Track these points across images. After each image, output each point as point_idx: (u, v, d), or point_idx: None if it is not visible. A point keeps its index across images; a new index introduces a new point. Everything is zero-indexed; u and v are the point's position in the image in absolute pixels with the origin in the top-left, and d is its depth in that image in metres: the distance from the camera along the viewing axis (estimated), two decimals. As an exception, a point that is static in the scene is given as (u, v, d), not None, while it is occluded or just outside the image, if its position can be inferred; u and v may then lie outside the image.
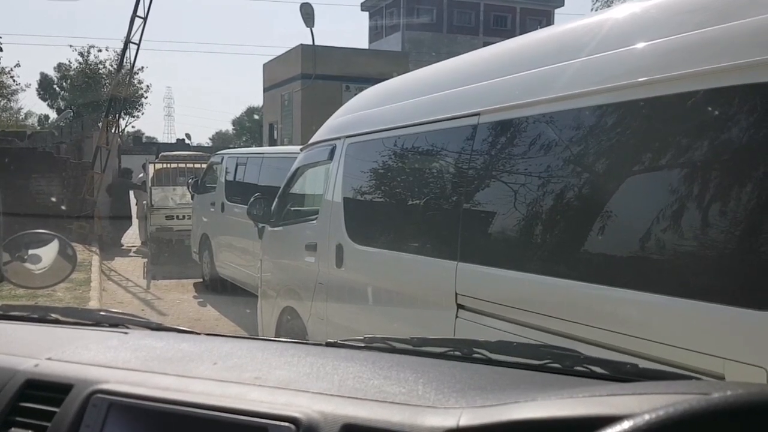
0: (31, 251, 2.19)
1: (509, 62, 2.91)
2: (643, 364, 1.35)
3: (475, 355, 1.47)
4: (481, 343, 1.49)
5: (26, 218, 11.09)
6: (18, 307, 1.97)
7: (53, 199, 14.71)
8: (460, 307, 2.81)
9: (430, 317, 3.10)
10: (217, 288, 9.58)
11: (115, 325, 1.76)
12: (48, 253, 2.22)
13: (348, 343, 1.60)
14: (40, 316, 1.81)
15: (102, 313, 1.94)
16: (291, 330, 4.64)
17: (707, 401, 0.70)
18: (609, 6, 18.00)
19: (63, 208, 14.56)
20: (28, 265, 2.19)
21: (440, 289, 2.92)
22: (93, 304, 8.22)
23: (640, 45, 2.16)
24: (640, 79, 2.10)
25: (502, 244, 2.71)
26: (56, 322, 1.78)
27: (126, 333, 1.68)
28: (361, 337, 1.60)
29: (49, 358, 1.43)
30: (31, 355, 1.46)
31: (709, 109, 1.92)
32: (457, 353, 1.49)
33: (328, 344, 1.62)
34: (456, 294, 2.82)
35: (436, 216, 3.17)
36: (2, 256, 2.17)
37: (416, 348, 1.53)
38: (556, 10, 45.62)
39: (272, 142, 26.55)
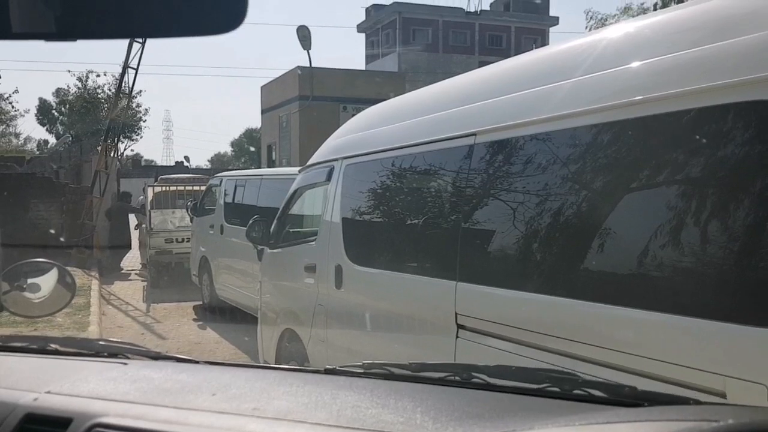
0: (30, 280, 2.19)
1: (504, 83, 2.93)
2: (641, 386, 1.35)
3: (474, 380, 1.47)
4: (480, 368, 1.49)
5: (25, 244, 11.09)
6: (18, 337, 1.97)
7: (52, 227, 14.70)
8: (460, 327, 2.81)
9: (431, 338, 3.10)
10: (217, 311, 9.55)
11: (115, 355, 1.76)
12: (47, 281, 2.22)
13: (347, 369, 1.60)
14: (40, 346, 1.81)
15: (101, 342, 1.94)
16: (291, 352, 4.62)
17: (701, 430, 0.69)
18: (603, 24, 18.15)
19: (62, 233, 14.55)
20: (27, 294, 2.18)
21: (440, 309, 2.91)
22: (93, 329, 8.19)
23: (635, 64, 2.18)
24: (634, 98, 2.11)
25: (500, 263, 2.71)
26: (56, 352, 1.77)
27: (125, 363, 1.68)
28: (360, 363, 1.60)
29: (48, 392, 1.43)
30: (31, 389, 1.45)
31: (704, 127, 1.93)
32: (456, 378, 1.49)
33: (327, 371, 1.62)
34: (456, 314, 2.81)
35: (435, 236, 3.18)
36: (1, 285, 2.17)
37: (415, 374, 1.52)
38: (551, 29, 45.94)
39: (271, 164, 26.61)
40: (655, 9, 12.82)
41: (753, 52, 1.79)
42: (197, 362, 1.75)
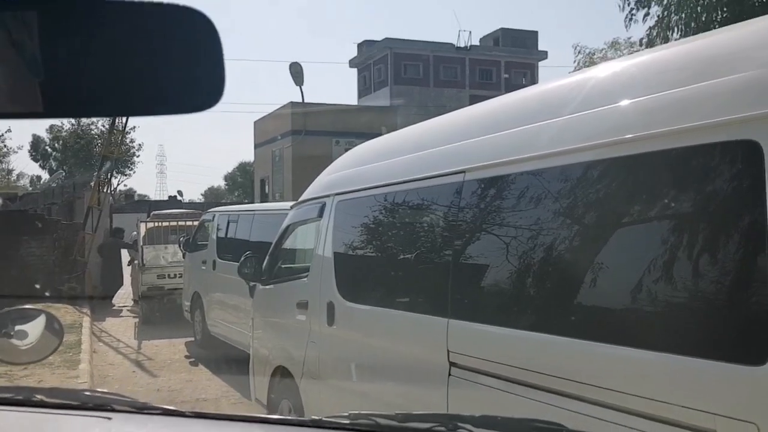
0: (17, 327, 2.17)
1: (494, 121, 2.97)
2: (633, 426, 1.34)
3: (460, 430, 1.46)
4: (466, 418, 1.48)
5: (16, 283, 11.01)
6: (2, 388, 1.95)
7: (44, 263, 14.61)
8: (452, 365, 2.80)
9: (423, 375, 3.08)
10: (209, 347, 9.46)
11: (100, 406, 1.73)
12: (34, 328, 2.20)
13: (333, 420, 1.59)
14: (25, 397, 1.78)
15: (87, 393, 1.92)
16: (283, 390, 4.58)
17: None
18: (591, 59, 18.38)
19: (54, 270, 14.46)
20: (14, 341, 2.17)
21: (432, 346, 2.90)
22: (83, 367, 8.09)
23: (622, 103, 2.21)
24: (623, 137, 2.14)
25: (492, 300, 2.72)
26: (41, 404, 1.75)
27: (109, 418, 1.66)
28: (347, 414, 1.59)
29: None
30: None
31: (691, 166, 1.96)
32: (442, 428, 1.48)
33: (313, 422, 1.61)
34: (448, 352, 2.81)
35: (427, 273, 3.18)
36: None
37: (401, 424, 1.52)
38: (540, 63, 46.55)
39: (264, 197, 26.65)
40: (640, 44, 13.04)
41: (736, 92, 1.83)
42: (184, 414, 1.72)
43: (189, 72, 0.90)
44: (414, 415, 1.53)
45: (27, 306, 2.29)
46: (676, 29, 10.94)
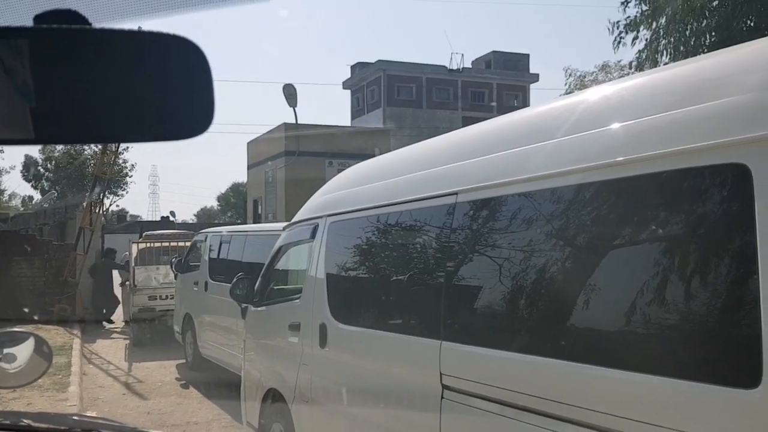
0: (6, 350, 2.15)
1: (486, 143, 2.99)
2: None
3: None
4: None
5: (6, 304, 10.92)
6: None
7: (35, 284, 14.51)
8: (445, 387, 2.78)
9: (416, 398, 3.06)
10: (201, 369, 9.38)
11: (89, 431, 1.71)
12: (23, 351, 2.18)
13: None
14: (12, 422, 1.76)
15: (74, 417, 1.89)
16: (275, 413, 4.54)
17: None
18: (582, 81, 18.55)
19: (45, 291, 14.36)
20: (3, 364, 2.14)
21: (425, 369, 2.89)
22: (73, 390, 8.00)
23: (613, 126, 2.23)
24: (613, 160, 2.15)
25: (484, 322, 2.71)
26: (28, 429, 1.73)
27: None
28: None
29: None
30: None
31: (681, 188, 1.97)
32: None
33: None
34: (441, 374, 2.79)
35: (419, 295, 3.18)
36: None
37: None
38: (531, 85, 46.96)
39: (257, 218, 26.60)
40: (630, 67, 13.18)
41: (725, 116, 1.85)
42: None
43: (179, 100, 0.91)
44: None
45: (16, 329, 2.27)
46: (665, 53, 11.07)
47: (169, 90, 0.90)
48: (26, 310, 12.55)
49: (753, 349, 1.64)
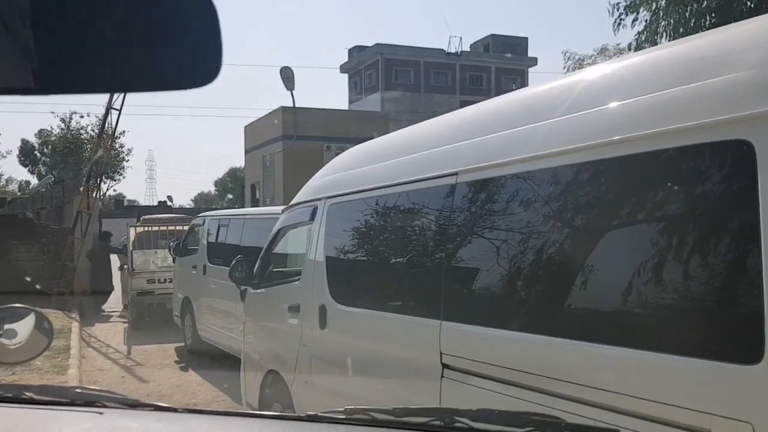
0: (6, 326, 2.15)
1: (485, 123, 2.97)
2: (627, 426, 1.34)
3: (457, 424, 1.45)
4: (462, 412, 1.47)
5: (3, 287, 10.92)
6: None
7: (32, 268, 14.49)
8: (445, 366, 2.79)
9: (416, 378, 3.07)
10: (199, 352, 9.41)
11: (91, 403, 1.71)
12: (24, 327, 2.17)
13: (328, 415, 1.58)
14: (14, 395, 1.76)
15: (77, 390, 1.90)
16: (275, 394, 4.55)
17: None
18: (580, 65, 18.48)
19: (43, 275, 14.35)
20: (3, 340, 2.14)
21: (425, 348, 2.90)
22: (72, 372, 8.03)
23: (612, 105, 2.22)
24: (612, 138, 2.15)
25: (484, 302, 2.72)
26: (30, 401, 1.73)
27: (101, 413, 1.64)
28: (342, 409, 1.57)
29: None
30: None
31: (680, 166, 1.97)
32: (439, 423, 1.47)
33: (309, 417, 1.59)
34: (441, 354, 2.80)
35: (419, 275, 3.18)
36: None
37: (398, 419, 1.50)
38: (530, 69, 46.78)
39: (254, 203, 26.59)
40: (629, 49, 13.12)
41: (727, 93, 1.84)
42: (176, 410, 1.71)
43: (186, 47, 0.88)
44: (410, 410, 1.52)
45: (16, 305, 2.26)
46: (664, 34, 11.01)
47: (175, 36, 0.87)
48: (25, 291, 12.55)
49: (755, 326, 1.65)
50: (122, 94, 14.30)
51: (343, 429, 1.45)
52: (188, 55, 0.89)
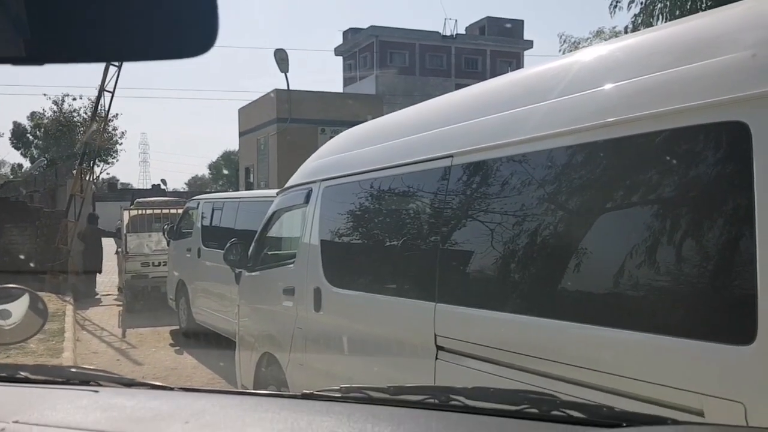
0: (0, 306, 2.14)
1: (480, 105, 2.96)
2: (619, 407, 1.35)
3: (452, 403, 1.46)
4: (458, 390, 1.48)
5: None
6: None
7: (26, 251, 14.44)
8: (439, 348, 2.80)
9: (411, 360, 3.08)
10: (194, 335, 9.43)
11: (86, 382, 1.71)
12: (18, 308, 2.17)
13: (324, 393, 1.58)
14: (9, 374, 1.76)
15: (73, 369, 1.90)
16: (270, 377, 4.57)
17: None
18: (576, 48, 18.44)
19: (36, 258, 14.31)
20: None
21: (419, 330, 2.90)
22: (67, 356, 8.04)
23: (607, 86, 2.21)
24: (607, 120, 2.14)
25: (479, 284, 2.72)
26: (26, 380, 1.73)
27: (96, 391, 1.64)
28: (338, 387, 1.58)
29: (16, 421, 1.39)
30: None
31: (675, 148, 1.96)
32: (434, 401, 1.48)
33: (304, 396, 1.60)
34: (435, 336, 2.81)
35: (414, 257, 3.18)
36: None
37: (393, 397, 1.51)
38: (526, 52, 46.55)
39: (248, 186, 26.51)
40: (626, 32, 13.08)
41: (723, 74, 1.83)
42: (172, 389, 1.71)
43: (181, 15, 0.86)
44: (406, 388, 1.53)
45: (10, 285, 2.26)
46: (661, 16, 10.98)
47: (170, 4, 0.86)
48: (18, 276, 12.51)
49: (749, 307, 1.65)
50: (115, 76, 14.21)
51: (339, 407, 1.45)
52: (183, 24, 0.87)
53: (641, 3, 11.65)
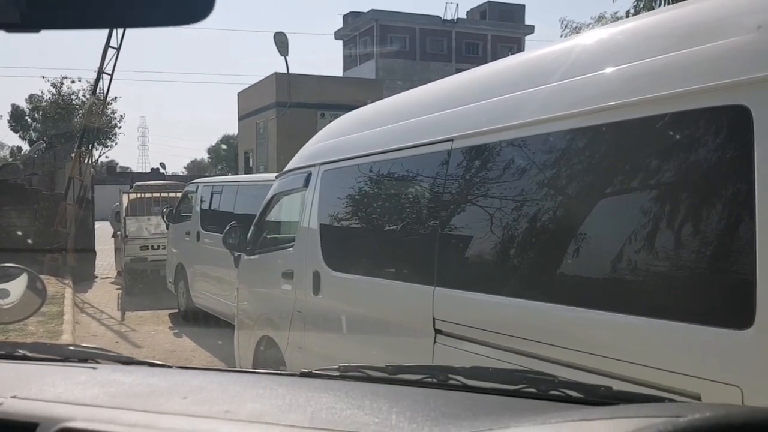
0: None
1: (481, 89, 2.95)
2: (617, 386, 1.35)
3: (451, 382, 1.46)
4: (456, 369, 1.48)
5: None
6: None
7: (25, 234, 14.44)
8: (438, 332, 2.81)
9: (409, 343, 3.09)
10: (193, 318, 9.46)
11: (84, 360, 1.72)
12: (17, 287, 2.17)
13: (323, 372, 1.59)
14: (7, 352, 1.76)
15: (71, 347, 1.90)
16: (268, 360, 4.58)
17: (674, 425, 0.70)
18: (578, 33, 18.33)
19: (35, 240, 14.31)
20: None
21: (418, 314, 2.91)
22: (66, 338, 8.06)
23: (608, 70, 2.20)
24: (608, 104, 2.13)
25: (478, 268, 2.72)
26: (24, 358, 1.74)
27: (95, 368, 1.65)
28: (336, 366, 1.58)
29: (14, 396, 1.39)
30: None
31: (676, 132, 1.96)
32: (433, 380, 1.48)
33: (303, 374, 1.60)
34: (434, 319, 2.81)
35: (413, 241, 3.18)
36: None
37: (391, 376, 1.51)
38: (527, 37, 46.32)
39: (248, 170, 26.48)
40: (627, 17, 12.99)
41: (725, 57, 1.82)
42: (170, 367, 1.72)
43: None
44: (404, 367, 1.53)
45: (8, 264, 2.26)
46: (662, 1, 10.91)
47: None
48: (17, 258, 12.51)
49: (747, 291, 1.65)
50: (114, 58, 14.14)
51: (337, 386, 1.46)
52: None
53: (643, -12, 11.57)
